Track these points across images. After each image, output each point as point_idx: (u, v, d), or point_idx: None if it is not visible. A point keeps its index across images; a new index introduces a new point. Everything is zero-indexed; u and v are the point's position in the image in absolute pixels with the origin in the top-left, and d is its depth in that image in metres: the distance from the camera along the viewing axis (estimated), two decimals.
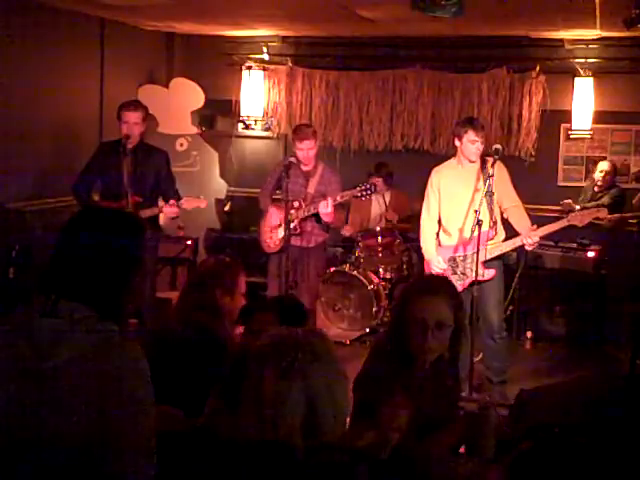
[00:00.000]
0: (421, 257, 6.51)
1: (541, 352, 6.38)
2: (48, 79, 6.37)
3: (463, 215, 4.97)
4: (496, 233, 4.98)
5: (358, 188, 5.32)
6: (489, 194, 4.80)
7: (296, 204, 5.27)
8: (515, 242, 4.97)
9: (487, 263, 4.92)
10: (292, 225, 5.33)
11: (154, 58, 8.04)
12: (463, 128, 4.94)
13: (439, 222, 5.15)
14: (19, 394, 1.71)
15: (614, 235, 6.51)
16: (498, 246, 4.96)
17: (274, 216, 5.50)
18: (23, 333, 1.72)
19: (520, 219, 5.02)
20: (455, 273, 4.98)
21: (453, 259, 5.01)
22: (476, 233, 4.66)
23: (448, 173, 5.11)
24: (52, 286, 1.79)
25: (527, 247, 4.96)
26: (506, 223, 5.13)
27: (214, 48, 8.01)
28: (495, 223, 4.95)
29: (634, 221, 6.34)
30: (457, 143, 5.00)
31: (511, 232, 5.08)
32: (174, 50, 8.23)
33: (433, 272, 4.99)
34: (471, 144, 4.91)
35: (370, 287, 6.36)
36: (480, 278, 4.85)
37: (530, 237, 4.84)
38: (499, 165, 5.01)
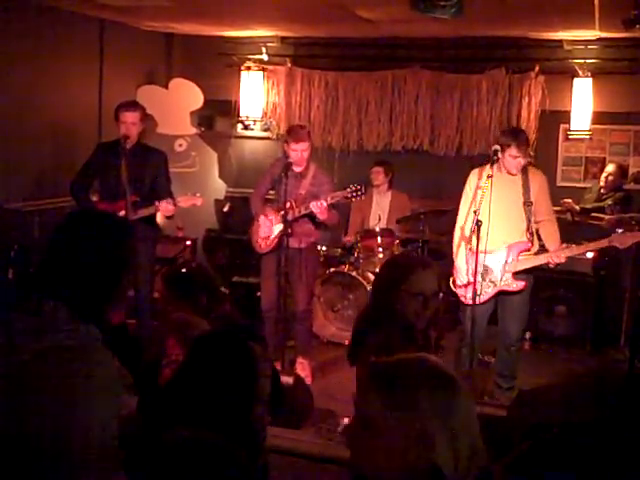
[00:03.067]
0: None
1: (540, 353, 6.38)
2: (47, 79, 6.37)
3: (499, 222, 4.71)
4: (532, 245, 4.83)
5: (349, 189, 5.30)
6: (527, 204, 4.72)
7: (287, 205, 5.25)
8: (545, 258, 4.80)
9: (517, 275, 4.81)
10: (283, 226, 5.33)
11: (153, 59, 8.04)
12: (507, 141, 4.70)
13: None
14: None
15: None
16: (528, 259, 4.81)
17: (261, 225, 5.49)
18: (2, 331, 1.74)
19: (551, 235, 4.87)
20: (484, 280, 4.80)
21: (485, 266, 4.81)
22: (475, 235, 4.61)
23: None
24: (39, 285, 1.80)
25: (551, 265, 4.81)
26: None
27: (213, 49, 8.01)
28: (532, 235, 4.80)
29: (633, 222, 6.33)
30: (499, 154, 4.71)
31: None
32: (173, 51, 8.23)
33: (457, 281, 4.90)
34: (512, 159, 4.70)
35: (369, 288, 6.35)
36: (508, 288, 4.80)
37: (559, 257, 4.71)
38: (538, 174, 4.90)
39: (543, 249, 4.89)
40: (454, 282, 5.01)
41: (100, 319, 1.82)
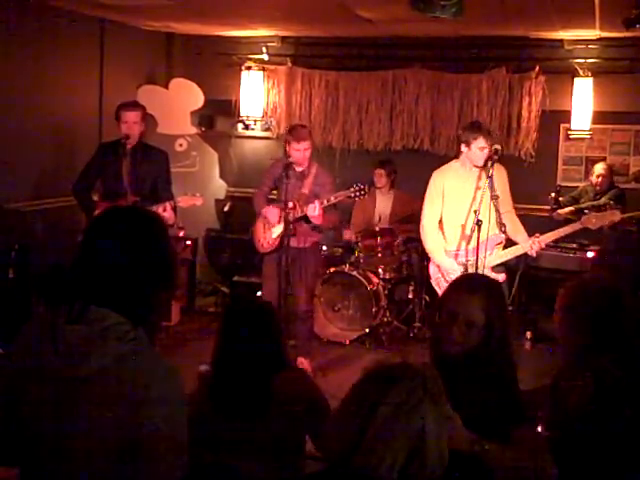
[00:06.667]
0: (421, 257, 6.54)
1: (541, 352, 6.37)
2: (48, 79, 6.38)
3: (470, 219, 4.81)
4: (506, 237, 4.87)
5: (352, 189, 5.29)
6: (494, 197, 4.72)
7: (290, 205, 5.25)
8: (518, 250, 4.86)
9: (496, 267, 4.84)
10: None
11: (154, 58, 8.04)
12: (472, 134, 4.80)
13: (440, 226, 5.02)
14: (47, 401, 1.68)
15: (613, 235, 6.50)
16: (509, 251, 4.87)
17: (269, 216, 5.48)
18: (47, 339, 1.68)
19: (515, 224, 4.93)
20: None
21: (464, 265, 4.86)
22: (475, 233, 4.63)
23: (453, 175, 4.98)
24: (80, 291, 1.71)
25: (532, 254, 4.86)
26: None
27: (213, 48, 8.01)
28: (504, 226, 4.82)
29: (634, 221, 6.33)
30: (464, 149, 4.85)
31: None
32: (174, 50, 8.24)
33: (448, 277, 4.86)
34: (480, 151, 4.78)
35: (369, 287, 6.36)
36: None
37: (535, 244, 4.75)
38: (499, 167, 4.94)
39: (509, 241, 4.95)
40: (438, 282, 5.03)
41: (147, 322, 1.76)
